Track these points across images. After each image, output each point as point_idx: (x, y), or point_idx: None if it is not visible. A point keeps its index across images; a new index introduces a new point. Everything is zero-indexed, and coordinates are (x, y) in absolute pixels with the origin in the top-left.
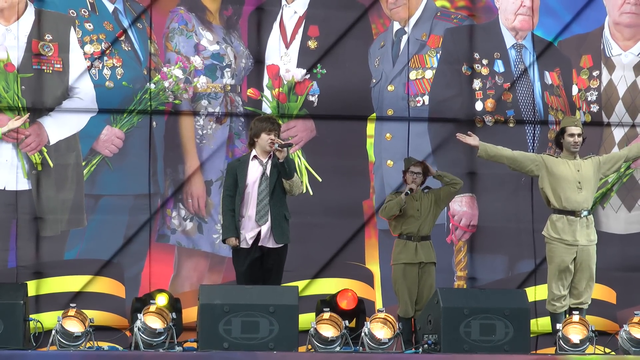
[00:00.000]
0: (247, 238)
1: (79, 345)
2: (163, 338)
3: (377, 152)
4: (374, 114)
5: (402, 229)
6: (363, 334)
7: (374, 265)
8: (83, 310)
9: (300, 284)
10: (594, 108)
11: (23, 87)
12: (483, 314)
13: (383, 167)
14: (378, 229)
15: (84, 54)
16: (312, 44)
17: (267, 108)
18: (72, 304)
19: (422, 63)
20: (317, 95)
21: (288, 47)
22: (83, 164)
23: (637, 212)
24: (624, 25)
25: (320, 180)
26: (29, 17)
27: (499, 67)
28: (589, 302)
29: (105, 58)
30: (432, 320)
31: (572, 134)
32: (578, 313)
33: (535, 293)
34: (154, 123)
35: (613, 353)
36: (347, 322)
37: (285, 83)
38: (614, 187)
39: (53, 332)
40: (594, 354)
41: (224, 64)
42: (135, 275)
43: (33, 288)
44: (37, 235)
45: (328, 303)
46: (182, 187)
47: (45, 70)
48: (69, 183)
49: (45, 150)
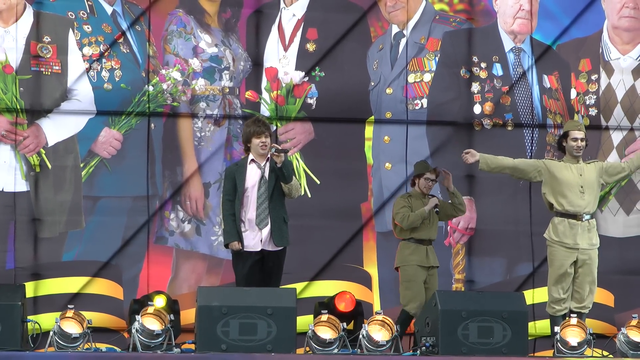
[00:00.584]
0: (250, 245)
1: (77, 347)
2: (161, 340)
3: (375, 154)
4: (373, 117)
5: (412, 234)
6: (361, 336)
7: (372, 268)
8: (81, 312)
9: (298, 286)
10: (593, 112)
11: (21, 88)
12: (481, 317)
13: (381, 169)
14: (376, 232)
15: (83, 56)
16: (310, 47)
17: (265, 111)
18: (70, 306)
19: (420, 66)
20: (315, 98)
21: (286, 49)
22: (81, 166)
23: (635, 215)
24: (623, 29)
25: (319, 183)
26: (28, 19)
27: (498, 70)
28: (590, 306)
29: (104, 60)
30: (430, 323)
31: (575, 138)
32: (575, 316)
33: (534, 296)
34: (152, 125)
35: (611, 356)
36: (345, 324)
37: (284, 86)
38: (612, 190)
39: (51, 333)
40: (592, 357)
41: (223, 67)
42: (134, 277)
43: (31, 289)
44: (35, 237)
45: (326, 305)
46: (180, 189)
47: (44, 72)
48: (67, 185)
49: (44, 152)
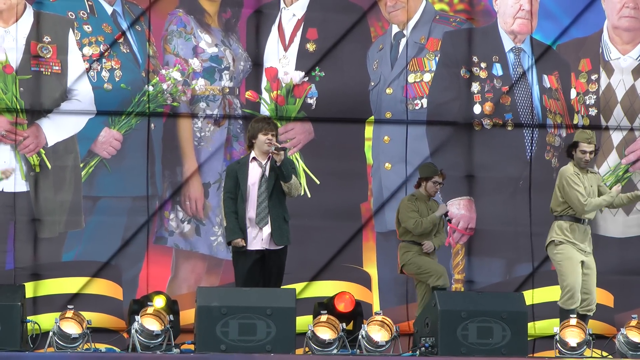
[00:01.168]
0: (251, 244)
1: (77, 347)
2: (160, 340)
3: (375, 154)
4: (372, 117)
5: (414, 237)
6: (360, 337)
7: (372, 268)
8: (80, 312)
9: (298, 287)
10: (592, 112)
11: (21, 88)
12: (480, 317)
13: (381, 169)
14: (376, 232)
15: (83, 56)
16: (310, 47)
17: (265, 111)
18: (69, 306)
19: (420, 66)
20: (315, 98)
21: (286, 49)
22: (81, 166)
23: (635, 215)
24: (623, 29)
25: (319, 183)
26: (28, 19)
27: (498, 70)
28: (595, 309)
29: (104, 60)
30: (429, 323)
31: (584, 151)
32: (575, 316)
33: (533, 296)
34: (152, 125)
35: (610, 356)
36: (344, 324)
37: (284, 86)
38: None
39: (50, 333)
40: (592, 357)
41: (223, 67)
42: (133, 277)
43: (31, 290)
44: (35, 237)
45: (325, 305)
46: (180, 189)
47: (44, 72)
48: (67, 185)
49: (44, 152)
